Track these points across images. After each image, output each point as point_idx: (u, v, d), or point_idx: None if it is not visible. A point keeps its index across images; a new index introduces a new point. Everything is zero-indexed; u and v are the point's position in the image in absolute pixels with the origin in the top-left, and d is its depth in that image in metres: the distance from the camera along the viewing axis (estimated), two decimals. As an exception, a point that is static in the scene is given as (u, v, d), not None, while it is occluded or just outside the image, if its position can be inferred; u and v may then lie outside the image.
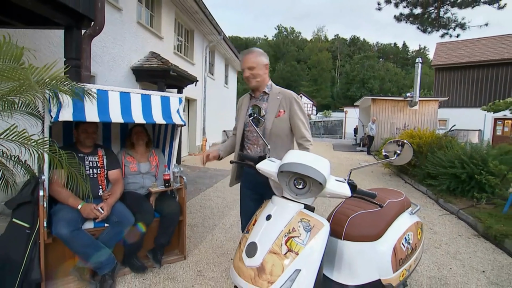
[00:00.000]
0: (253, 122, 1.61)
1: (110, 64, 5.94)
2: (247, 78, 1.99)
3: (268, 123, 1.97)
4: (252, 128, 1.98)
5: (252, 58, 1.97)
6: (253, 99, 2.11)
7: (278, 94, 2.03)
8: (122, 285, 2.38)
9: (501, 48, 20.67)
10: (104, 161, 2.67)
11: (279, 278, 1.20)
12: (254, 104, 1.65)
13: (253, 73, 1.96)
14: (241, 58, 2.00)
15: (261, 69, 1.98)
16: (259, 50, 2.02)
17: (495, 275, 2.80)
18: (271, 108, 2.00)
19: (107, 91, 2.33)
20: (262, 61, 1.98)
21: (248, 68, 1.96)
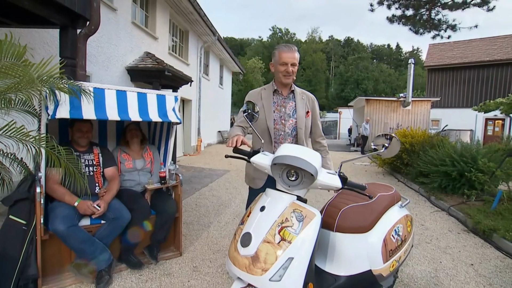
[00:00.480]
0: (247, 118, 1.66)
1: (105, 64, 5.94)
2: (287, 73, 1.97)
3: (301, 123, 2.06)
4: (279, 127, 2.03)
5: (296, 55, 1.99)
6: (279, 95, 2.09)
7: (302, 94, 2.12)
8: (119, 281, 2.41)
9: (491, 50, 21.06)
10: (100, 159, 2.69)
11: (273, 266, 1.25)
12: (248, 101, 1.70)
13: (294, 70, 1.98)
14: (284, 52, 1.96)
15: (297, 69, 2.02)
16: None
17: (483, 267, 2.88)
18: (300, 108, 2.07)
19: (103, 89, 2.36)
20: (298, 60, 2.03)
21: (292, 64, 1.96)
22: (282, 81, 2.02)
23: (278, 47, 2.02)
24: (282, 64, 1.96)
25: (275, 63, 2.03)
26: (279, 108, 2.07)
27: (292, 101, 2.08)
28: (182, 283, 2.43)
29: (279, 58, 1.98)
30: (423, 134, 7.41)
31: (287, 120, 2.06)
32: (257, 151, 1.52)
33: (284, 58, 1.95)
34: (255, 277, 1.26)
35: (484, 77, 20.45)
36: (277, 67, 2.00)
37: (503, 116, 17.37)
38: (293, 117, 2.07)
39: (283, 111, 2.07)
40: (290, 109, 2.08)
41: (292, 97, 2.10)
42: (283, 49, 1.97)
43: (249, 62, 40.94)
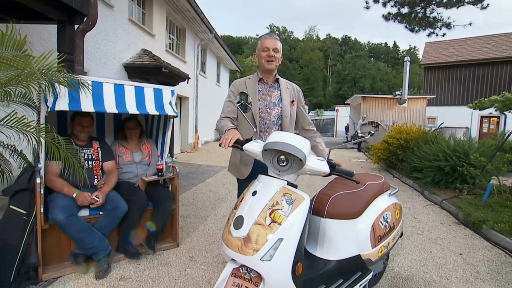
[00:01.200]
0: (241, 108, 1.72)
1: (102, 60, 5.98)
2: (270, 58, 1.99)
3: (286, 111, 2.08)
4: (264, 115, 2.06)
5: (278, 42, 2.03)
6: (264, 84, 2.11)
7: (287, 84, 2.16)
8: (117, 270, 2.47)
9: (486, 48, 21.22)
10: (99, 153, 2.75)
11: (264, 246, 1.31)
12: (242, 92, 1.76)
13: (276, 56, 2.01)
14: (265, 39, 2.01)
15: (280, 57, 2.05)
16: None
17: (471, 256, 2.97)
18: (285, 97, 2.09)
19: (101, 83, 2.41)
20: (281, 51, 2.06)
21: (273, 50, 1.99)
22: (265, 66, 2.02)
23: (261, 37, 2.08)
24: (264, 49, 2.00)
25: (258, 51, 2.06)
26: (264, 96, 2.09)
27: (277, 90, 2.11)
28: (179, 272, 2.50)
29: (261, 45, 2.02)
30: (418, 130, 7.51)
31: (272, 109, 2.08)
32: (250, 139, 1.59)
33: (265, 44, 1.99)
34: (247, 257, 1.32)
35: (479, 75, 20.61)
36: (260, 53, 2.03)
37: (498, 114, 17.57)
38: (279, 105, 2.09)
39: (269, 100, 2.08)
40: (276, 98, 2.10)
41: (277, 86, 2.13)
42: (264, 37, 2.05)
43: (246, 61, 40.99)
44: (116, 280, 2.33)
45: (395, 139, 7.47)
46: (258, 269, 1.33)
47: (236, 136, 1.63)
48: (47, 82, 2.07)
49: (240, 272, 1.40)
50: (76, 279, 2.31)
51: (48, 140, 2.01)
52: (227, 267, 1.44)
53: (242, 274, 1.39)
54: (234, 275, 1.39)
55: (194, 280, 2.38)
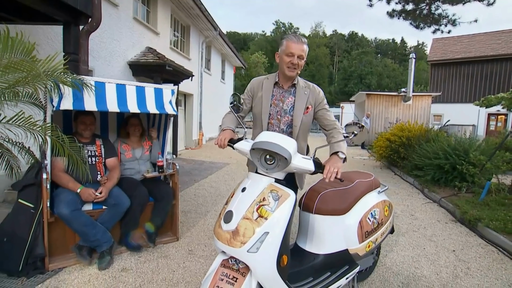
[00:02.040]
0: (233, 110, 1.82)
1: (107, 59, 6.11)
2: (292, 64, 1.87)
3: (297, 120, 1.97)
4: (274, 122, 2.00)
5: (305, 47, 1.87)
6: (279, 88, 2.02)
7: (305, 89, 2.01)
8: (119, 262, 2.60)
9: (495, 44, 20.87)
10: (102, 150, 2.86)
11: (250, 239, 1.41)
12: (234, 93, 1.85)
13: (300, 63, 1.88)
14: (293, 42, 1.85)
15: (303, 63, 1.92)
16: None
17: (464, 253, 3.03)
18: (299, 104, 1.97)
19: (104, 83, 2.52)
20: (307, 54, 1.92)
21: (299, 56, 1.86)
22: (286, 73, 1.92)
23: (287, 36, 1.90)
24: (288, 54, 1.86)
25: (281, 52, 1.92)
26: (277, 102, 2.01)
27: (292, 96, 2.01)
28: (178, 264, 2.61)
29: (286, 48, 1.87)
30: (420, 128, 7.51)
31: (283, 117, 2.01)
32: (241, 139, 1.68)
33: (291, 48, 1.84)
34: (235, 249, 1.42)
35: (487, 72, 20.31)
36: (283, 57, 1.90)
37: (505, 111, 17.32)
38: (290, 114, 2.00)
39: (280, 106, 2.00)
40: (288, 105, 2.00)
41: (293, 91, 2.01)
42: (291, 39, 1.86)
43: (252, 57, 40.96)
44: (118, 271, 2.45)
45: (397, 136, 7.49)
46: (245, 260, 1.42)
47: (229, 136, 1.74)
48: (52, 83, 2.18)
49: (229, 263, 1.50)
50: (80, 269, 2.44)
51: (53, 138, 2.13)
52: (218, 258, 1.55)
53: (231, 265, 1.49)
54: (223, 266, 1.49)
55: (192, 272, 2.49)
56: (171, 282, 2.33)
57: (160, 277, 2.40)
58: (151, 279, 2.36)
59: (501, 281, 2.54)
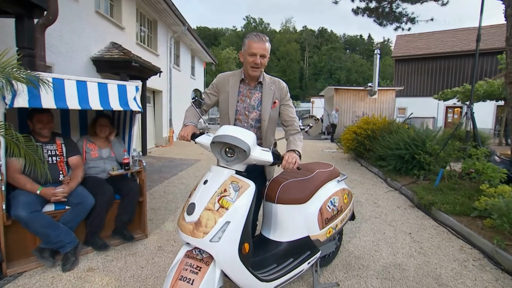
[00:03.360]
0: (195, 105, 1.85)
1: (68, 54, 5.84)
2: (256, 64, 1.89)
3: (265, 115, 2.01)
4: (242, 118, 2.02)
5: (267, 45, 1.89)
6: (246, 85, 2.04)
7: (271, 85, 2.05)
8: (85, 262, 2.55)
9: (451, 42, 22.28)
10: (63, 149, 2.77)
11: (212, 229, 1.46)
12: (195, 89, 1.88)
13: (263, 61, 1.91)
14: (253, 42, 1.87)
15: (267, 59, 1.94)
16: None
17: (419, 235, 3.29)
18: (266, 100, 2.01)
19: (63, 79, 2.44)
20: (269, 52, 1.94)
21: (261, 56, 1.88)
22: (249, 73, 1.95)
23: (248, 36, 1.92)
24: (251, 54, 1.88)
25: (244, 52, 1.94)
26: (244, 98, 2.04)
27: (259, 92, 2.05)
28: (147, 260, 2.61)
29: (248, 48, 1.89)
30: (383, 121, 7.90)
31: (251, 112, 2.04)
32: (202, 133, 1.73)
33: (252, 48, 1.87)
34: (198, 239, 1.47)
35: (445, 68, 21.67)
36: (246, 57, 1.92)
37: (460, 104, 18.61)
38: (257, 109, 2.04)
39: (248, 102, 2.04)
40: (256, 101, 2.04)
41: (260, 88, 2.05)
42: (252, 39, 1.88)
43: (223, 53, 40.62)
44: (84, 271, 2.41)
45: (363, 129, 7.83)
46: (208, 250, 1.48)
47: (192, 131, 1.77)
48: (4, 79, 2.08)
49: (193, 254, 1.55)
50: (42, 272, 2.37)
51: (7, 138, 2.04)
52: (182, 250, 1.59)
53: (195, 255, 1.54)
54: (187, 256, 1.54)
55: (161, 267, 2.51)
56: (140, 278, 2.33)
57: (128, 274, 2.39)
58: (118, 277, 2.34)
59: (448, 257, 2.79)
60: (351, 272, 2.49)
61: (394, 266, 2.61)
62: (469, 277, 2.47)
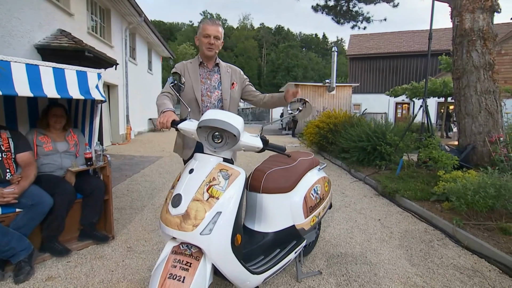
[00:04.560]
0: (174, 89, 1.70)
1: (5, 39, 5.16)
2: (210, 45, 2.02)
3: (226, 94, 2.13)
4: (205, 98, 2.09)
5: (220, 29, 2.04)
6: (204, 68, 2.14)
7: (227, 68, 2.21)
8: (42, 271, 2.25)
9: (398, 43, 24.01)
10: (11, 144, 2.41)
11: (203, 220, 1.34)
12: (174, 72, 1.73)
13: (217, 43, 2.04)
14: (207, 24, 2.01)
15: (221, 43, 2.09)
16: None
17: (388, 221, 3.44)
18: (225, 80, 2.15)
19: (9, 62, 2.10)
20: (222, 36, 2.08)
21: (215, 37, 2.01)
22: (205, 53, 2.07)
23: (202, 20, 2.09)
24: (205, 36, 2.02)
25: (199, 35, 2.07)
26: (205, 80, 2.13)
27: (217, 74, 2.17)
28: (116, 263, 2.38)
29: (202, 30, 2.04)
30: (344, 115, 8.21)
31: (213, 92, 2.13)
32: (184, 119, 1.58)
33: (207, 30, 2.01)
34: (187, 233, 1.34)
35: (394, 66, 23.30)
36: (201, 39, 2.05)
37: (408, 101, 20.15)
38: (219, 89, 2.15)
39: (209, 83, 2.14)
40: (216, 81, 2.15)
41: (217, 70, 2.18)
42: (207, 22, 2.04)
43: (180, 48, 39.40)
44: (42, 281, 2.12)
45: (325, 123, 8.07)
46: (198, 243, 1.35)
47: (171, 117, 1.62)
48: None
49: (181, 249, 1.41)
50: (-10, 286, 2.05)
51: None
52: (167, 246, 1.44)
53: (183, 251, 1.40)
54: (174, 253, 1.40)
55: (133, 269, 2.30)
56: (111, 283, 2.11)
57: (96, 279, 2.15)
58: (85, 284, 2.10)
59: (416, 239, 2.95)
60: (331, 260, 2.51)
61: (370, 251, 2.69)
62: (436, 256, 2.62)
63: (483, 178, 3.17)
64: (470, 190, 3.06)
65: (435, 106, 20.18)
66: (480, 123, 4.66)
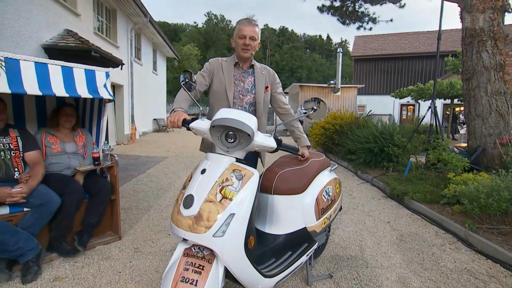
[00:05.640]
0: (185, 87, 1.67)
1: (14, 39, 5.18)
2: (246, 46, 1.96)
3: (260, 98, 2.08)
4: (236, 101, 2.04)
5: (257, 30, 1.98)
6: (239, 69, 2.09)
7: (263, 70, 2.14)
8: (50, 271, 2.23)
9: (403, 44, 23.86)
10: (19, 143, 2.40)
11: (215, 222, 1.31)
12: (186, 70, 1.70)
13: (252, 44, 1.97)
14: (244, 25, 1.95)
15: (257, 44, 2.02)
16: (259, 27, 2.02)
17: (397, 223, 3.38)
18: (259, 83, 2.09)
19: (18, 60, 2.09)
20: (259, 37, 2.02)
21: (250, 38, 1.95)
22: (241, 54, 2.01)
23: (239, 21, 2.01)
24: (241, 37, 1.96)
25: (235, 36, 2.01)
26: (238, 82, 2.08)
27: (251, 76, 2.10)
28: (123, 264, 2.36)
29: (238, 31, 1.98)
30: (351, 116, 8.14)
31: (245, 95, 2.08)
32: (196, 118, 1.55)
33: (242, 30, 1.95)
34: (199, 235, 1.31)
35: (399, 68, 23.15)
36: (237, 40, 1.99)
37: (413, 102, 20.02)
38: (251, 92, 2.10)
39: (242, 86, 2.08)
40: (249, 84, 2.10)
41: (252, 72, 2.12)
42: (243, 23, 1.98)
43: (184, 49, 39.43)
44: (49, 282, 2.10)
45: (331, 124, 8.00)
46: (211, 246, 1.32)
47: (182, 116, 1.59)
48: None
49: (192, 251, 1.38)
50: (-2, 286, 2.03)
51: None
52: (178, 248, 1.41)
53: (195, 253, 1.37)
54: (186, 255, 1.37)
55: (140, 270, 2.27)
56: (118, 284, 2.08)
57: (103, 281, 2.12)
58: (92, 285, 2.07)
59: (427, 243, 2.89)
60: (341, 263, 2.47)
61: (381, 255, 2.63)
62: (449, 260, 2.56)
63: (496, 181, 3.10)
64: (483, 193, 2.99)
65: (441, 107, 20.01)
66: (490, 124, 4.58)
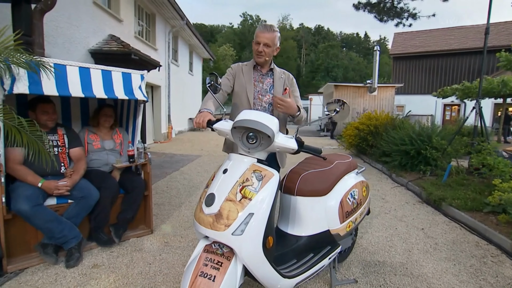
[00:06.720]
0: (210, 89, 1.73)
1: (65, 46, 5.66)
2: (259, 52, 2.01)
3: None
4: (255, 101, 2.09)
5: (271, 37, 1.99)
6: (258, 71, 2.14)
7: (282, 73, 2.19)
8: (89, 258, 2.42)
9: (449, 40, 22.29)
10: (65, 140, 2.63)
11: (235, 221, 1.35)
12: (211, 73, 1.76)
13: (266, 50, 2.00)
14: (260, 31, 1.99)
15: (273, 50, 2.05)
16: (278, 32, 2.04)
17: (432, 231, 3.20)
18: (278, 84, 2.13)
19: (65, 65, 2.30)
20: (276, 43, 2.04)
21: (264, 44, 1.99)
22: (255, 59, 2.08)
23: (258, 26, 2.06)
24: (256, 43, 2.01)
25: (254, 41, 2.07)
26: (257, 83, 2.13)
27: (270, 78, 2.15)
28: (154, 256, 2.49)
29: (255, 37, 2.04)
30: (386, 116, 7.81)
31: (264, 95, 2.12)
32: (220, 119, 1.61)
33: (257, 37, 2.00)
34: (219, 232, 1.36)
35: (443, 65, 21.69)
36: (253, 45, 2.06)
37: (458, 102, 18.65)
38: (270, 92, 2.13)
39: (260, 86, 2.13)
40: (268, 85, 2.14)
41: (271, 74, 2.16)
42: (259, 28, 2.02)
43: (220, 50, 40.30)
44: (88, 268, 2.29)
45: (365, 125, 7.74)
46: (230, 243, 1.36)
47: (207, 117, 1.66)
48: (3, 63, 1.94)
49: (213, 248, 1.43)
50: (45, 269, 2.24)
51: (8, 123, 1.90)
52: (200, 244, 1.47)
53: (215, 250, 1.42)
54: (206, 251, 1.42)
55: (169, 263, 2.39)
56: (148, 275, 2.21)
57: (135, 271, 2.27)
58: (125, 274, 2.22)
59: (465, 253, 2.71)
60: (368, 269, 2.40)
61: (411, 262, 2.52)
62: (489, 274, 2.38)
63: (548, 189, 2.82)
64: (532, 202, 2.74)
65: (491, 107, 18.44)
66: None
